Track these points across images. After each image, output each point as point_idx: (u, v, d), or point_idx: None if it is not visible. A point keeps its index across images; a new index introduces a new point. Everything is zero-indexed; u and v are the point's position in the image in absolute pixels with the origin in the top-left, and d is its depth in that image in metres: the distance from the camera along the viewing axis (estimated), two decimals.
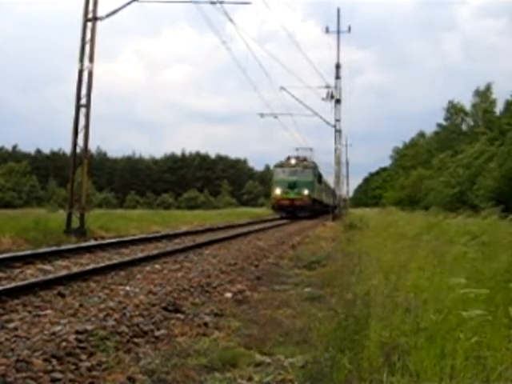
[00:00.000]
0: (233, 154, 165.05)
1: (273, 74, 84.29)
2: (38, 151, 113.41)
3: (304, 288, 9.03)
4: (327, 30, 44.09)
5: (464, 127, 76.22)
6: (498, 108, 71.08)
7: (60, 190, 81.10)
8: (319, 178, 54.14)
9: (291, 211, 46.28)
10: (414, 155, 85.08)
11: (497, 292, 5.26)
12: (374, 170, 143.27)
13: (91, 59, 18.76)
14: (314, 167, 50.28)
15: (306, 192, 46.16)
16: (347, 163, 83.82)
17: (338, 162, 47.45)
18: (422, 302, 5.22)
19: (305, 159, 50.30)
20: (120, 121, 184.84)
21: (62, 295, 7.63)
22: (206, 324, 6.47)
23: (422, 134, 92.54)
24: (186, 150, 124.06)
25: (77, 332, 5.43)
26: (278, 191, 47.01)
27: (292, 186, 46.46)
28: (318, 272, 10.88)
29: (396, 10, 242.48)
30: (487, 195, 43.96)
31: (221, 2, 20.72)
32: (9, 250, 12.68)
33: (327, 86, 41.34)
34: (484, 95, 72.42)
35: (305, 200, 46.14)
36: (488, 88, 72.55)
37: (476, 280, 5.69)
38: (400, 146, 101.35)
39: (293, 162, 48.01)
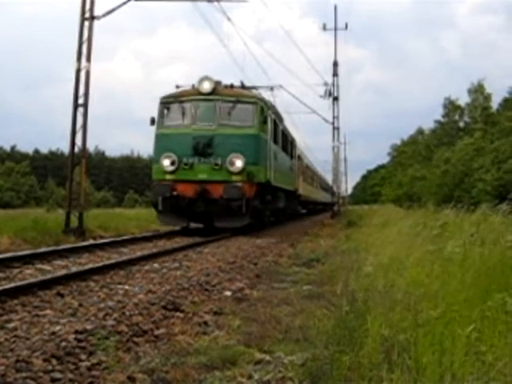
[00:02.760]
0: None
1: (270, 72, 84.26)
2: (37, 151, 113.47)
3: (303, 286, 9.03)
4: (324, 28, 44.02)
5: (462, 124, 76.34)
6: (494, 103, 71.33)
7: (59, 189, 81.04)
8: (283, 137, 26.81)
9: (202, 215, 19.69)
10: (413, 152, 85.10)
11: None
12: (371, 167, 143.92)
13: (88, 59, 18.76)
14: (264, 106, 21.39)
15: (239, 163, 19.16)
16: (345, 160, 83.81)
17: (336, 160, 45.92)
18: (421, 298, 5.23)
19: (243, 86, 23.51)
20: (118, 120, 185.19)
21: (61, 295, 7.63)
22: (205, 322, 6.47)
23: (421, 132, 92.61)
24: None
25: (76, 332, 5.43)
26: (165, 163, 19.32)
27: (203, 148, 19.28)
28: (317, 270, 10.87)
29: (393, 7, 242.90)
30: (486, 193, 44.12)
31: (218, 0, 20.64)
32: (7, 250, 12.67)
33: (325, 84, 41.16)
34: (479, 92, 72.51)
35: (237, 185, 18.91)
36: (481, 86, 72.62)
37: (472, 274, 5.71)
38: (398, 142, 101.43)
39: (206, 86, 19.95)
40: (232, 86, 21.39)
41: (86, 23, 18.96)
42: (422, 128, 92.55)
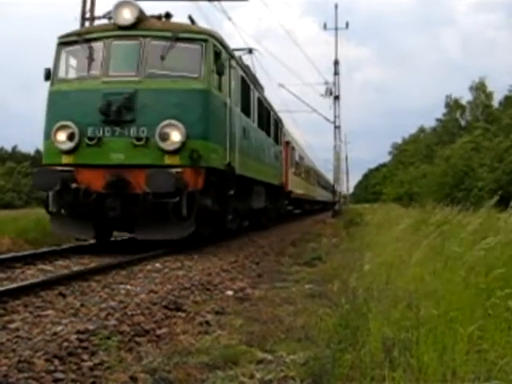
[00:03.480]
0: None
1: (271, 71, 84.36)
2: (38, 152, 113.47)
3: (305, 285, 9.04)
4: (325, 27, 44.13)
5: (463, 122, 76.50)
6: (496, 101, 71.52)
7: None
8: (260, 109, 19.93)
9: (119, 221, 12.49)
10: (414, 151, 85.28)
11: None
12: (373, 165, 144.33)
13: None
14: (222, 50, 13.63)
15: (176, 136, 11.86)
16: (346, 159, 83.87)
17: (337, 158, 45.86)
18: (423, 296, 5.23)
19: (192, 23, 13.93)
20: None
21: (63, 295, 7.63)
22: (207, 322, 6.47)
23: (422, 130, 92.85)
24: None
25: (78, 332, 5.43)
26: (59, 138, 12.24)
27: (118, 112, 11.84)
28: (318, 268, 10.88)
29: (393, 5, 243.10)
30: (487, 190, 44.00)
31: (219, 0, 20.60)
32: (9, 251, 12.68)
33: (326, 83, 41.24)
34: (481, 90, 72.67)
35: (171, 172, 11.53)
36: (482, 84, 72.81)
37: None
38: (399, 141, 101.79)
39: (126, 16, 12.48)
40: (168, 16, 13.52)
41: (87, 24, 18.98)
42: (423, 127, 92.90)
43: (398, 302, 5.16)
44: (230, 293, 8.45)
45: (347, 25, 44.39)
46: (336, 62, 43.36)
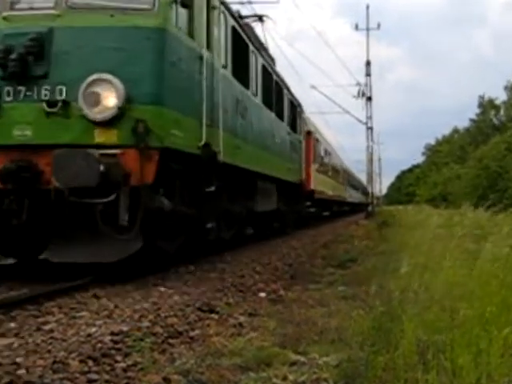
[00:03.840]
0: None
1: (303, 72, 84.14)
2: None
3: (338, 287, 8.99)
4: (356, 28, 44.01)
5: (496, 122, 75.65)
6: None
7: None
8: (266, 82, 15.21)
9: (23, 226, 7.81)
10: (448, 151, 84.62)
11: None
12: (405, 166, 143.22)
13: None
14: None
15: (111, 99, 7.46)
16: (379, 160, 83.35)
17: (370, 160, 45.61)
18: (457, 299, 5.18)
19: None
20: None
21: (97, 297, 7.68)
22: (240, 324, 6.46)
23: (456, 131, 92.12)
24: None
25: (112, 333, 5.46)
26: None
27: (22, 62, 7.41)
28: (351, 270, 10.81)
29: (424, 5, 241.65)
30: None
31: (250, 3, 20.61)
32: None
33: (358, 84, 41.05)
34: None
35: (93, 154, 7.31)
36: None
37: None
38: (431, 141, 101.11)
39: None
40: None
41: None
42: (457, 127, 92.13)
43: (433, 303, 5.12)
44: (263, 294, 8.43)
45: (379, 25, 44.29)
46: (368, 63, 43.17)
